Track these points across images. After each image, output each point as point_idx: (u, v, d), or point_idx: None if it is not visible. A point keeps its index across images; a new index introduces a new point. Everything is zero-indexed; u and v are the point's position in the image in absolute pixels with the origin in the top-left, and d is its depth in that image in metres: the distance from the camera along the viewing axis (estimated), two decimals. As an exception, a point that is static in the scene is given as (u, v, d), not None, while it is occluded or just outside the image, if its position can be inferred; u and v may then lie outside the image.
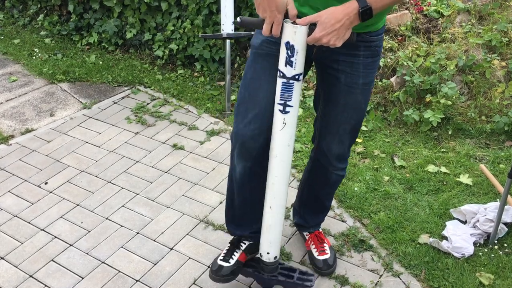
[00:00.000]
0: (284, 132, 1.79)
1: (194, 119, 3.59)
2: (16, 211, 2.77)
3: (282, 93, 1.75)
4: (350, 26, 1.63)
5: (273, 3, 1.60)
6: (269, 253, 2.03)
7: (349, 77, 1.86)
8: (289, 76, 1.71)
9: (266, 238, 2.01)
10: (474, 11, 3.89)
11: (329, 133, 2.03)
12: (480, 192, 2.80)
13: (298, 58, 1.68)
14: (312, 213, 2.39)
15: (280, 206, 1.93)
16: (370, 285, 2.28)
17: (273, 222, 1.96)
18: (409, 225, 2.58)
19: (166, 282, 2.32)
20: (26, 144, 3.35)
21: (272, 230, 1.98)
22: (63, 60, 4.46)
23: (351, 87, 1.89)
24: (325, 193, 2.31)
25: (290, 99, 1.74)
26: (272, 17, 1.62)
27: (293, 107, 1.76)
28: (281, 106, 1.77)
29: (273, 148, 1.84)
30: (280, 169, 1.85)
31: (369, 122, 3.40)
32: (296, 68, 1.70)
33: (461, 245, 2.38)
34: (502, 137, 3.24)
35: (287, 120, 1.77)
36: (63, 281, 2.34)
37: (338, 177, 2.20)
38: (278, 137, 1.81)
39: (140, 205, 2.80)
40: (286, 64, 1.70)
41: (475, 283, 2.24)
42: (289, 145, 1.82)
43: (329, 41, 1.62)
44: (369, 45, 1.82)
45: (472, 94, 3.47)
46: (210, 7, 3.95)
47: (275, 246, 2.02)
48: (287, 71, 1.71)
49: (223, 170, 3.05)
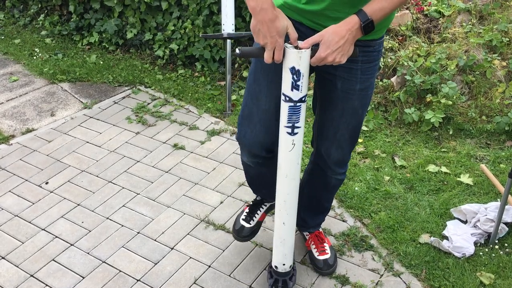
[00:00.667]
0: (294, 152, 1.78)
1: (194, 119, 3.59)
2: (17, 210, 2.77)
3: (290, 116, 1.71)
4: (353, 41, 1.61)
5: (273, 29, 1.54)
6: (284, 264, 2.11)
7: (346, 83, 1.84)
8: (296, 100, 1.68)
9: (280, 251, 2.06)
10: (474, 11, 3.89)
11: (327, 139, 2.02)
12: (481, 192, 2.80)
13: (304, 81, 1.65)
14: (312, 214, 2.39)
15: (292, 221, 1.97)
16: (370, 284, 2.28)
17: (287, 236, 2.01)
18: (410, 224, 2.58)
19: (167, 282, 2.32)
20: (27, 144, 3.35)
21: (286, 244, 2.03)
22: (64, 60, 4.46)
23: (347, 93, 1.86)
24: (325, 195, 2.31)
25: (298, 121, 1.72)
26: (273, 43, 1.57)
27: (301, 128, 1.74)
28: (289, 129, 1.74)
29: (282, 167, 1.83)
30: (291, 187, 1.86)
31: (369, 122, 3.40)
32: (303, 91, 1.67)
33: (461, 244, 2.38)
34: (503, 137, 3.24)
35: (296, 141, 1.76)
36: (64, 280, 2.34)
37: (337, 181, 2.19)
38: (287, 158, 1.79)
39: (140, 205, 2.80)
40: (292, 89, 1.66)
41: (476, 283, 2.24)
42: (298, 163, 1.82)
43: (334, 59, 1.60)
44: (368, 50, 1.79)
45: (473, 94, 3.48)
46: (211, 7, 3.96)
47: (290, 258, 2.09)
48: (293, 95, 1.67)
49: (223, 170, 3.06)
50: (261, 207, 2.39)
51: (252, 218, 2.35)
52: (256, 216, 2.36)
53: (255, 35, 1.60)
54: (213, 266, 2.40)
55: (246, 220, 2.34)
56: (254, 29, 1.59)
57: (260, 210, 2.38)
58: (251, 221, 2.34)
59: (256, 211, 2.37)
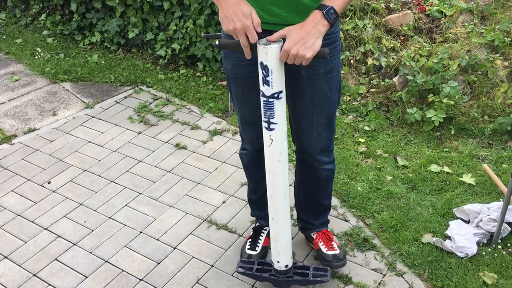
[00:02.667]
0: (273, 148, 1.81)
1: (196, 119, 3.59)
2: (19, 210, 2.77)
3: (265, 111, 1.75)
4: (319, 34, 1.61)
5: (239, 11, 1.60)
6: (279, 261, 2.09)
7: (310, 68, 1.86)
8: (268, 95, 1.71)
9: (274, 248, 2.07)
10: (476, 11, 3.89)
11: (305, 130, 2.04)
12: (483, 191, 2.80)
13: (274, 77, 1.67)
14: (314, 215, 2.39)
15: (281, 217, 1.96)
16: (373, 284, 2.28)
17: (277, 232, 2.01)
18: (412, 224, 2.58)
19: (170, 281, 2.32)
20: (29, 143, 3.35)
21: (278, 240, 2.03)
22: (66, 60, 4.46)
23: (313, 79, 1.88)
24: (320, 191, 2.30)
25: (272, 116, 1.75)
26: (241, 26, 1.61)
27: (278, 124, 1.76)
28: (265, 123, 1.78)
29: (266, 164, 1.88)
30: (274, 183, 1.89)
31: (371, 122, 3.40)
32: (274, 86, 1.69)
33: (464, 244, 2.38)
34: (505, 137, 3.24)
35: (274, 137, 1.79)
36: (66, 280, 2.34)
37: (327, 172, 2.19)
38: (267, 153, 1.84)
39: (143, 205, 2.80)
40: (263, 84, 1.70)
41: (479, 283, 2.24)
42: (279, 160, 1.83)
43: (297, 52, 1.60)
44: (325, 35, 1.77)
45: (475, 94, 3.47)
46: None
47: (284, 255, 2.07)
48: (265, 90, 1.71)
49: (226, 170, 3.06)
50: (262, 232, 2.42)
51: (257, 245, 2.37)
52: (260, 242, 2.38)
53: (224, 24, 1.65)
54: (215, 265, 2.40)
55: (251, 248, 2.36)
56: (222, 19, 1.65)
57: (262, 235, 2.40)
58: (256, 248, 2.36)
59: (258, 237, 2.40)
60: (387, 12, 4.01)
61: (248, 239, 2.41)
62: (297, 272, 2.16)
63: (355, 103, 3.63)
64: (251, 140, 2.16)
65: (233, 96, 2.06)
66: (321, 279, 2.15)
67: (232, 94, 2.06)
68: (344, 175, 2.95)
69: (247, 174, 2.37)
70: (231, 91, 2.05)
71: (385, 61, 3.68)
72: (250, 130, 2.11)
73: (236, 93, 2.02)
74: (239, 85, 1.97)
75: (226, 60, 1.95)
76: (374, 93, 3.65)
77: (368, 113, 3.50)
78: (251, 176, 2.35)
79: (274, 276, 2.15)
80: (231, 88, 2.04)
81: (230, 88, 2.05)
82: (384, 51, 3.78)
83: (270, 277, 2.16)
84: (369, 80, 3.75)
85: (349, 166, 3.02)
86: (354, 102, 3.64)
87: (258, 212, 2.46)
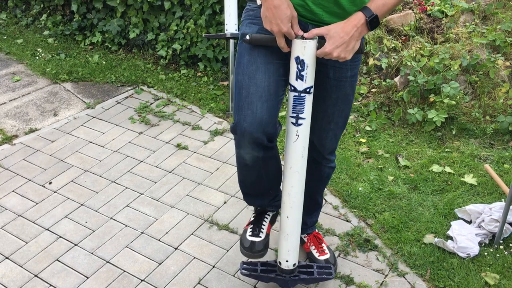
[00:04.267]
0: (298, 144, 1.82)
1: (197, 119, 3.58)
2: (20, 210, 2.77)
3: (294, 106, 1.77)
4: (359, 38, 1.66)
5: (277, 15, 1.63)
6: (288, 260, 2.07)
7: (338, 71, 1.89)
8: (301, 90, 1.74)
9: (284, 246, 2.04)
10: (478, 11, 3.88)
11: (322, 130, 2.04)
12: (485, 192, 2.79)
13: (309, 71, 1.71)
14: (308, 213, 2.38)
15: (296, 215, 1.96)
16: (375, 285, 2.27)
17: (290, 231, 1.99)
18: (414, 225, 2.58)
19: (171, 282, 2.32)
20: (30, 144, 3.35)
21: (290, 239, 2.01)
22: (66, 60, 4.46)
23: (340, 81, 1.91)
24: (318, 189, 2.32)
25: (302, 111, 1.77)
26: (277, 29, 1.65)
27: (306, 119, 1.78)
28: (293, 119, 1.79)
29: (287, 159, 1.86)
30: (295, 180, 1.88)
31: (373, 122, 3.40)
32: (307, 81, 1.72)
33: (466, 245, 2.38)
34: (507, 137, 3.23)
35: (300, 133, 1.80)
36: (68, 280, 2.34)
37: (330, 170, 2.22)
38: (292, 149, 1.83)
39: (144, 205, 2.79)
40: (297, 79, 1.72)
41: (481, 283, 2.24)
42: (302, 156, 1.84)
43: (339, 55, 1.64)
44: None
45: (476, 94, 3.47)
46: (214, 7, 3.95)
47: (294, 254, 2.06)
48: (298, 85, 1.73)
49: (227, 170, 3.05)
50: (265, 217, 2.20)
51: (261, 231, 2.13)
52: (263, 228, 2.15)
53: (264, 21, 1.69)
54: (217, 266, 2.39)
55: (254, 235, 2.12)
56: (262, 15, 1.69)
57: (265, 221, 2.18)
58: (260, 234, 2.12)
59: (262, 222, 2.17)
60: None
61: (249, 225, 2.17)
62: (302, 271, 2.17)
63: (356, 103, 3.63)
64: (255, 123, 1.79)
65: (243, 62, 1.83)
66: (327, 277, 2.18)
67: (243, 61, 1.83)
68: (346, 175, 2.95)
69: (244, 174, 2.07)
70: (241, 60, 1.84)
71: (386, 62, 3.67)
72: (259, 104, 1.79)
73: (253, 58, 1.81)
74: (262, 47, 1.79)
75: (253, 24, 1.83)
76: (375, 93, 3.65)
77: (369, 113, 3.50)
78: (250, 175, 2.04)
79: (280, 276, 2.15)
80: (243, 55, 1.84)
81: (241, 57, 1.85)
82: (385, 51, 3.78)
83: (276, 277, 2.16)
84: (370, 80, 3.74)
85: (350, 166, 3.02)
86: (355, 102, 3.64)
87: (260, 201, 2.17)
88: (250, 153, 1.89)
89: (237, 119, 1.82)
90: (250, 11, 1.87)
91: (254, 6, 1.87)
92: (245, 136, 1.81)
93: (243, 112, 1.80)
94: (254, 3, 1.87)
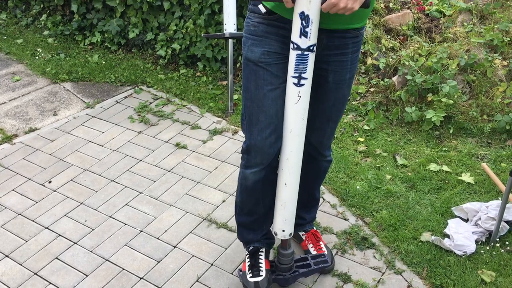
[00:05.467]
0: (299, 106, 1.77)
1: (196, 118, 3.60)
2: (20, 209, 2.79)
3: (297, 65, 1.71)
4: None
5: None
6: (284, 230, 2.02)
7: (338, 75, 1.90)
8: (304, 48, 1.68)
9: (281, 215, 1.99)
10: (475, 10, 3.90)
11: (319, 128, 2.07)
12: (482, 190, 2.81)
13: (313, 28, 1.64)
14: (306, 209, 2.41)
15: (295, 182, 1.91)
16: (372, 282, 2.29)
17: (288, 199, 1.94)
18: (411, 223, 2.60)
19: (170, 280, 2.33)
20: (30, 143, 3.37)
21: (287, 207, 1.96)
22: (66, 60, 4.48)
23: (339, 84, 1.93)
24: (316, 184, 2.35)
25: (305, 71, 1.72)
26: None
27: (308, 79, 1.74)
28: (295, 79, 1.73)
29: (287, 122, 1.82)
30: (295, 144, 1.84)
31: (371, 121, 3.41)
32: (311, 38, 1.66)
33: (463, 243, 2.39)
34: (504, 136, 3.25)
35: (302, 93, 1.75)
36: (67, 278, 2.36)
37: (327, 163, 2.26)
38: (292, 111, 1.79)
39: (143, 204, 2.81)
40: (300, 36, 1.66)
41: (477, 281, 2.25)
42: (303, 119, 1.80)
43: (346, 5, 1.57)
44: (356, 40, 1.87)
45: (474, 93, 3.49)
46: (213, 7, 3.97)
47: (290, 223, 2.01)
48: (301, 42, 1.67)
49: (225, 169, 3.07)
50: (260, 256, 2.22)
51: (259, 269, 2.18)
52: (261, 266, 2.19)
53: None
54: (215, 264, 2.41)
55: (255, 275, 2.16)
56: None
57: (261, 258, 2.21)
58: (260, 273, 2.16)
59: (258, 261, 2.21)
60: (386, 12, 4.02)
61: (247, 267, 2.21)
62: (299, 265, 2.19)
63: (354, 102, 3.64)
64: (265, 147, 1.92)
65: (251, 88, 1.89)
66: (324, 265, 2.20)
67: (250, 87, 1.89)
68: (344, 174, 2.96)
69: (244, 196, 2.13)
70: (249, 86, 1.89)
71: (384, 61, 3.69)
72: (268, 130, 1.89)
73: (259, 85, 1.86)
74: (267, 73, 1.84)
75: (255, 47, 1.84)
76: (373, 92, 3.66)
77: (367, 112, 3.51)
78: (250, 198, 2.12)
79: (280, 276, 2.16)
80: (249, 81, 1.89)
81: (248, 82, 1.90)
82: (383, 50, 3.79)
83: (276, 277, 2.18)
84: (368, 80, 3.76)
85: (348, 165, 3.03)
86: (353, 101, 3.65)
87: (252, 235, 2.24)
88: (256, 174, 2.00)
89: (248, 141, 1.95)
90: (252, 26, 1.83)
91: (256, 21, 1.82)
92: (257, 153, 1.94)
93: (254, 136, 1.92)
94: (255, 15, 1.82)
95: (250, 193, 2.10)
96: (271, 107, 1.86)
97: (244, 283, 2.19)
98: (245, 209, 2.18)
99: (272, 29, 1.80)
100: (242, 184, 2.09)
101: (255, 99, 1.88)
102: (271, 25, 1.79)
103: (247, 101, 1.92)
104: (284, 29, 1.77)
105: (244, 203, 2.17)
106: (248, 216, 2.19)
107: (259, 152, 1.94)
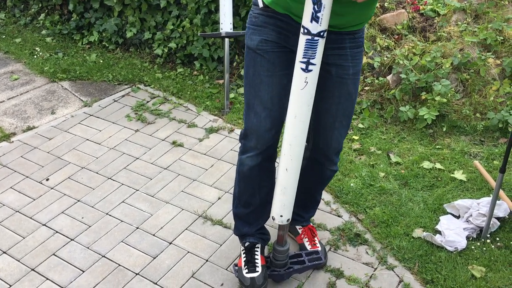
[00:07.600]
0: (305, 91, 1.75)
1: (193, 117, 3.63)
2: (18, 206, 2.82)
3: (306, 50, 1.69)
4: None
5: None
6: (282, 215, 2.01)
7: (340, 68, 1.93)
8: (315, 33, 1.66)
9: (280, 201, 1.98)
10: (469, 10, 3.93)
11: (326, 129, 2.07)
12: (474, 187, 2.84)
13: (325, 13, 1.63)
14: (305, 209, 2.45)
15: (296, 168, 1.91)
16: (364, 278, 2.33)
17: (288, 184, 1.94)
18: (404, 219, 2.63)
19: (165, 275, 2.37)
20: (28, 141, 3.40)
21: (287, 192, 1.96)
22: (64, 59, 4.51)
23: (342, 78, 1.95)
24: (319, 189, 2.38)
25: (313, 56, 1.70)
26: None
27: (316, 65, 1.72)
28: (303, 64, 1.72)
29: (292, 108, 1.81)
30: (299, 130, 1.82)
31: (365, 120, 3.45)
32: (322, 24, 1.65)
33: (454, 239, 2.43)
34: (496, 134, 3.28)
35: (309, 79, 1.74)
36: (64, 274, 2.39)
37: (332, 173, 2.25)
38: (298, 96, 1.77)
39: (140, 201, 2.85)
40: (312, 20, 1.64)
41: (467, 276, 2.29)
42: (308, 105, 1.79)
43: None
44: (353, 38, 1.91)
45: (467, 91, 3.52)
46: (209, 6, 4.00)
47: (288, 209, 2.01)
48: (312, 27, 1.65)
49: (221, 167, 3.10)
50: (255, 251, 2.26)
51: (255, 265, 2.21)
52: (257, 261, 2.22)
53: None
54: (210, 260, 2.45)
55: (251, 271, 2.20)
56: None
57: (256, 254, 2.25)
58: (256, 268, 2.20)
59: (254, 257, 2.24)
60: (381, 11, 4.06)
61: (242, 263, 2.25)
62: (294, 262, 2.22)
63: (349, 101, 3.67)
64: (260, 130, 2.00)
65: (250, 74, 1.97)
66: (318, 262, 2.24)
67: (249, 73, 1.97)
68: (338, 171, 3.00)
69: (241, 185, 2.20)
70: (248, 72, 1.97)
71: (379, 60, 3.72)
72: (263, 114, 1.97)
73: (256, 71, 1.94)
74: (264, 60, 1.91)
75: (254, 35, 1.92)
76: (368, 91, 3.70)
77: (362, 111, 3.55)
78: (247, 187, 2.18)
79: (275, 272, 2.20)
80: (249, 67, 1.97)
81: (247, 68, 1.97)
82: (378, 49, 3.83)
83: (271, 273, 2.21)
84: (363, 78, 3.79)
85: (342, 162, 3.07)
86: (348, 100, 3.68)
87: (248, 229, 2.28)
88: (253, 159, 2.07)
89: (246, 124, 2.04)
90: (253, 17, 1.93)
91: (256, 13, 1.92)
92: (252, 136, 2.02)
93: (250, 120, 2.00)
94: (256, 7, 1.91)
95: (247, 180, 2.15)
96: (266, 92, 1.94)
97: (240, 279, 2.23)
98: (242, 200, 2.22)
99: (270, 20, 1.89)
100: (240, 172, 2.15)
101: (253, 84, 1.97)
102: (269, 16, 1.89)
103: (246, 87, 2.01)
104: (281, 21, 1.87)
105: (241, 193, 2.21)
106: (245, 208, 2.24)
107: (254, 134, 2.01)
